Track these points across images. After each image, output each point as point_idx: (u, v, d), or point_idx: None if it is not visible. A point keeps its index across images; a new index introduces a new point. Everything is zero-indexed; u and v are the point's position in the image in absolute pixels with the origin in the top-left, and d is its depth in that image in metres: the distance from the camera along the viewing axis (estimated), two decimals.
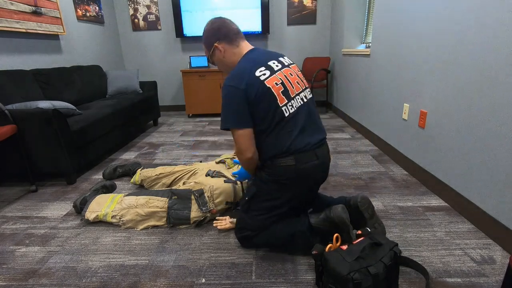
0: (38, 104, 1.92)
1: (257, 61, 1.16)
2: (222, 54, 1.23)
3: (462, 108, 1.47)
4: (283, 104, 1.13)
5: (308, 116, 1.20)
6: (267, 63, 1.17)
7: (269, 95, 1.11)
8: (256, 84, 1.10)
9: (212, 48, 1.23)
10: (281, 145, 1.13)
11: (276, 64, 1.19)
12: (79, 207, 1.58)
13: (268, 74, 1.13)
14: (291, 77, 1.20)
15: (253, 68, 1.13)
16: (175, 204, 1.44)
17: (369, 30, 3.16)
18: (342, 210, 1.14)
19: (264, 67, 1.14)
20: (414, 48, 1.89)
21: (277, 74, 1.16)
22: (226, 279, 1.12)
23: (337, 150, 2.50)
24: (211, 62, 1.31)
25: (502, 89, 1.21)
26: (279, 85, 1.13)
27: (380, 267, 0.92)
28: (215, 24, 1.22)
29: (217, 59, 1.26)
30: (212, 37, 1.22)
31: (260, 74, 1.12)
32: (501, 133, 1.23)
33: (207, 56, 1.28)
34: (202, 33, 1.27)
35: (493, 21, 1.25)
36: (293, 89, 1.18)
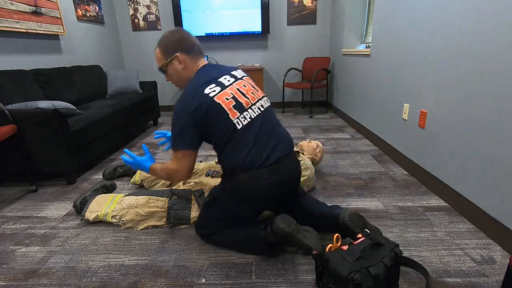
0: (38, 104, 1.92)
1: (208, 79, 1.17)
2: (181, 66, 1.22)
3: (462, 108, 1.47)
4: (235, 118, 1.14)
5: (266, 126, 1.19)
6: (218, 79, 1.18)
7: (220, 111, 1.12)
8: (206, 102, 1.11)
9: (171, 57, 1.20)
10: (238, 158, 1.12)
11: (228, 79, 1.20)
12: (79, 207, 1.58)
13: (218, 90, 1.15)
14: (245, 89, 1.22)
15: (203, 86, 1.14)
16: (175, 204, 1.44)
17: (369, 30, 3.16)
18: (282, 221, 1.12)
19: (214, 84, 1.16)
20: (414, 48, 1.89)
21: (228, 88, 1.17)
22: (226, 279, 1.12)
23: (337, 150, 2.50)
24: (163, 70, 1.25)
25: (502, 90, 1.21)
26: (229, 99, 1.15)
27: (380, 267, 0.92)
28: (179, 34, 1.21)
29: (173, 69, 1.22)
30: (174, 46, 1.20)
31: (210, 91, 1.13)
32: (501, 133, 1.23)
33: (161, 64, 1.23)
34: (160, 39, 1.22)
35: (493, 23, 1.25)
36: (247, 100, 1.19)
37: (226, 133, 1.13)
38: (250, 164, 1.12)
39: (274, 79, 4.37)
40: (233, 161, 1.14)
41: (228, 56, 4.26)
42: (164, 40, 1.21)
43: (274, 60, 4.27)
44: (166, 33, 1.22)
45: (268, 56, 4.26)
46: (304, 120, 3.64)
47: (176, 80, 1.26)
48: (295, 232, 1.13)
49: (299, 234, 1.14)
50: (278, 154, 1.16)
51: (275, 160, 1.14)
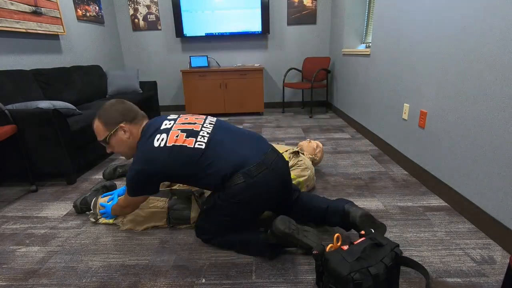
0: (38, 104, 1.92)
1: (152, 134, 1.18)
2: (126, 135, 1.22)
3: (462, 108, 1.47)
4: (194, 144, 1.16)
5: (228, 132, 1.24)
6: (160, 128, 1.20)
7: (177, 150, 1.14)
8: (162, 154, 1.13)
9: (115, 128, 1.21)
10: (220, 172, 1.13)
11: (168, 123, 1.23)
12: (79, 207, 1.58)
13: (165, 136, 1.17)
14: (187, 120, 1.26)
15: (151, 142, 1.16)
16: (175, 204, 1.44)
17: (369, 30, 3.16)
18: (281, 222, 1.13)
19: (159, 134, 1.18)
20: (414, 48, 1.89)
21: (173, 128, 1.20)
22: (226, 279, 1.12)
23: (337, 150, 2.50)
24: (104, 143, 1.24)
25: (503, 89, 1.21)
26: (179, 134, 1.17)
27: (380, 267, 0.92)
28: (122, 105, 1.23)
29: (118, 140, 1.22)
30: (117, 117, 1.21)
31: (158, 142, 1.15)
32: (501, 133, 1.23)
33: (103, 136, 1.22)
34: (100, 112, 1.22)
35: (494, 22, 1.25)
36: (196, 125, 1.23)
37: (196, 161, 1.13)
38: (235, 169, 1.13)
39: (274, 79, 4.37)
40: (216, 178, 1.14)
41: (228, 56, 4.26)
42: (105, 112, 1.21)
43: (274, 60, 4.28)
44: (105, 106, 1.23)
45: (268, 56, 4.26)
46: (304, 120, 3.64)
47: (122, 150, 1.26)
48: (295, 233, 1.13)
49: (299, 235, 1.15)
50: (257, 151, 1.18)
51: (257, 156, 1.16)
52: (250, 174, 1.13)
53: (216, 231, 1.26)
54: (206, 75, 3.85)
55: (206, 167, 1.14)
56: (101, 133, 1.22)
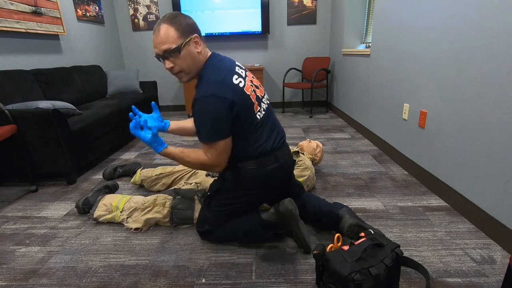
0: (38, 104, 1.92)
1: (229, 69, 1.10)
2: (198, 49, 1.08)
3: (462, 108, 1.47)
4: (257, 111, 1.15)
5: (271, 118, 1.24)
6: (235, 70, 1.12)
7: (249, 103, 1.10)
8: (239, 93, 1.06)
9: (189, 38, 1.04)
10: (251, 148, 1.14)
11: (241, 71, 1.16)
12: (81, 208, 1.58)
13: (243, 81, 1.10)
14: (255, 81, 1.21)
15: (230, 75, 1.07)
16: (179, 204, 1.44)
17: (369, 30, 3.16)
18: (290, 202, 1.17)
19: (236, 75, 1.09)
20: (415, 48, 1.89)
21: (246, 80, 1.14)
22: (226, 279, 1.12)
23: (337, 150, 2.50)
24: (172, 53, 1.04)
25: (503, 89, 1.21)
26: (252, 92, 1.13)
27: (381, 268, 0.92)
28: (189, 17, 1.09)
29: (190, 52, 1.06)
30: (191, 26, 1.06)
31: (237, 82, 1.08)
32: (501, 133, 1.23)
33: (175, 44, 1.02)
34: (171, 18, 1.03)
35: (494, 21, 1.25)
36: (259, 92, 1.20)
37: (249, 125, 1.12)
38: (260, 153, 1.15)
39: (274, 79, 4.37)
40: (245, 152, 1.14)
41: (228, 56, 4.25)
42: (178, 19, 1.03)
43: (274, 60, 4.27)
44: (174, 14, 1.05)
45: (268, 56, 4.26)
46: (304, 120, 3.64)
47: (189, 66, 1.09)
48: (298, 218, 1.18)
49: (298, 222, 1.19)
50: (278, 142, 1.21)
51: (277, 147, 1.19)
52: (263, 164, 1.15)
53: (217, 219, 1.26)
54: None
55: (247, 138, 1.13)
56: (174, 39, 1.02)
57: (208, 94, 1.02)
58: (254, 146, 1.14)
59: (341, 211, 1.26)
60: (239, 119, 1.09)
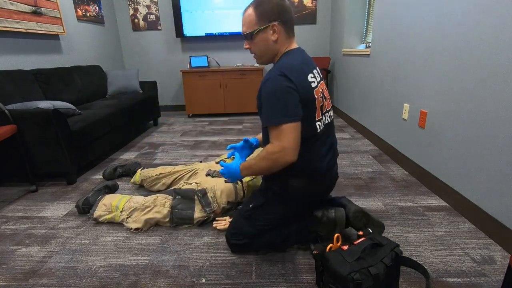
0: (38, 104, 1.92)
1: (308, 65, 1.06)
2: (274, 37, 1.05)
3: (462, 108, 1.47)
4: (318, 119, 1.07)
5: (331, 137, 1.18)
6: (313, 71, 1.08)
7: (312, 107, 1.04)
8: (307, 89, 1.01)
9: (267, 25, 1.03)
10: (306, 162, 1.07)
11: (318, 75, 1.11)
12: (81, 208, 1.58)
13: (316, 83, 1.06)
14: (326, 92, 1.15)
15: (306, 70, 1.04)
16: (179, 204, 1.44)
17: (369, 30, 3.16)
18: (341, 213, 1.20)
19: (312, 74, 1.06)
20: (414, 48, 1.89)
21: (319, 86, 1.09)
22: (226, 279, 1.12)
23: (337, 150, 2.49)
24: (248, 37, 1.07)
25: (503, 89, 1.21)
26: (320, 98, 1.07)
27: (380, 267, 0.92)
28: (284, 3, 1.04)
29: (264, 38, 1.05)
30: (272, 12, 1.02)
31: (311, 80, 1.04)
32: (501, 133, 1.23)
33: (251, 29, 1.04)
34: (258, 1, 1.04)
35: (494, 21, 1.25)
36: (326, 105, 1.13)
37: (306, 132, 1.03)
38: (314, 171, 1.12)
39: None
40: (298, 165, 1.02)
41: (228, 56, 4.26)
42: (264, 4, 1.03)
43: None
44: None
45: None
46: None
47: (261, 51, 1.09)
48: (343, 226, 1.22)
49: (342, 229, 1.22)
50: (330, 164, 1.17)
51: (327, 169, 1.16)
52: (316, 182, 1.15)
53: (256, 233, 1.20)
54: (206, 75, 3.85)
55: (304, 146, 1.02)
56: (250, 24, 1.05)
57: (277, 74, 0.98)
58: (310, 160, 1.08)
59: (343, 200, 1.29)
60: None
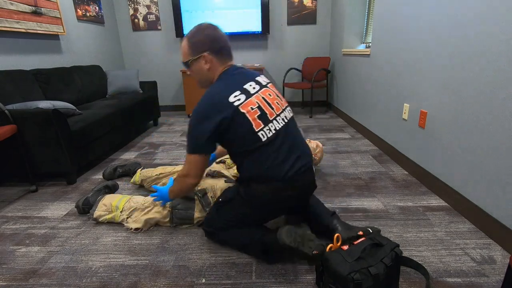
0: (38, 104, 1.92)
1: (233, 85, 1.12)
2: (206, 66, 1.16)
3: (462, 108, 1.47)
4: (259, 129, 1.09)
5: (289, 139, 1.15)
6: (243, 86, 1.13)
7: (244, 121, 1.08)
8: (230, 111, 1.07)
9: (198, 55, 1.15)
10: (259, 170, 1.10)
11: (253, 86, 1.15)
12: (81, 208, 1.58)
13: (244, 98, 1.10)
14: (270, 98, 1.17)
15: (228, 93, 1.09)
16: (178, 204, 1.44)
17: (369, 30, 3.16)
18: (287, 235, 1.08)
19: (239, 91, 1.11)
20: (414, 48, 1.89)
21: (254, 97, 1.12)
22: (226, 279, 1.12)
23: (337, 150, 2.50)
24: (186, 66, 1.21)
25: (503, 89, 1.21)
26: (255, 109, 1.10)
27: (380, 267, 0.92)
28: (211, 31, 1.14)
29: (198, 68, 1.18)
30: (203, 44, 1.14)
31: (234, 99, 1.09)
32: (501, 133, 1.23)
33: (186, 59, 1.18)
34: (190, 33, 1.15)
35: (493, 21, 1.25)
36: (272, 111, 1.14)
37: (249, 144, 1.09)
38: (271, 177, 1.11)
39: (274, 79, 4.37)
40: (253, 172, 1.12)
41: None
42: (194, 35, 1.14)
43: (274, 60, 4.27)
44: (197, 27, 1.15)
45: (268, 56, 4.26)
46: (304, 120, 3.64)
47: (198, 78, 1.22)
48: (300, 245, 1.08)
49: (304, 247, 1.08)
50: (297, 168, 1.13)
51: (294, 173, 1.12)
52: (277, 190, 1.12)
53: (222, 226, 1.26)
54: None
55: (252, 157, 1.10)
56: (185, 55, 1.18)
57: (197, 109, 1.09)
58: (263, 168, 1.09)
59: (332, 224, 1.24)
60: (231, 135, 1.09)
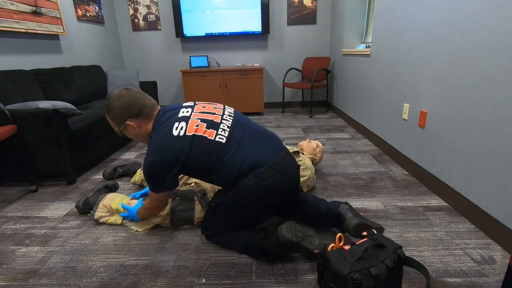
0: (38, 104, 1.92)
1: (169, 123, 1.16)
2: (135, 130, 1.22)
3: (462, 108, 1.47)
4: (215, 136, 1.14)
5: (247, 129, 1.21)
6: (178, 116, 1.18)
7: (198, 139, 1.12)
8: (182, 142, 1.11)
9: (123, 125, 1.21)
10: (233, 168, 1.11)
11: (186, 111, 1.21)
12: (81, 208, 1.58)
13: (184, 124, 1.15)
14: (206, 109, 1.24)
15: (167, 132, 1.13)
16: (178, 205, 1.44)
17: (369, 30, 3.16)
18: (287, 230, 1.08)
19: (177, 122, 1.16)
20: (414, 48, 1.89)
21: (192, 117, 1.18)
22: (226, 279, 1.12)
23: (337, 150, 2.50)
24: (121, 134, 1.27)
25: (502, 89, 1.21)
26: (200, 124, 1.15)
27: (381, 268, 0.92)
28: (126, 98, 1.18)
29: (130, 133, 1.24)
30: (123, 115, 1.19)
31: (177, 131, 1.13)
32: (501, 133, 1.23)
33: (116, 130, 1.24)
34: (108, 107, 1.21)
35: (493, 20, 1.25)
36: (215, 116, 1.21)
37: (216, 154, 1.12)
38: (249, 168, 1.11)
39: (274, 79, 4.37)
40: (230, 174, 1.12)
41: (228, 56, 4.26)
42: (112, 109, 1.20)
43: (274, 60, 4.27)
44: (111, 99, 1.20)
45: (268, 56, 4.26)
46: (304, 120, 3.64)
47: (136, 139, 1.29)
48: (301, 239, 1.09)
49: (304, 242, 1.09)
50: (271, 152, 1.17)
51: (270, 158, 1.14)
52: (262, 177, 1.12)
53: (220, 228, 1.27)
54: (206, 75, 3.85)
55: (224, 162, 1.12)
56: (114, 126, 1.24)
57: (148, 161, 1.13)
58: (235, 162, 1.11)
59: (343, 210, 1.26)
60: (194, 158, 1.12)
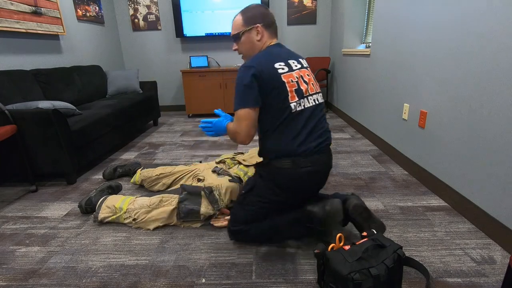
0: (38, 104, 1.92)
1: (278, 56, 1.20)
2: (257, 37, 1.24)
3: (462, 108, 1.47)
4: (293, 101, 1.16)
5: (314, 117, 1.21)
6: (288, 60, 1.21)
7: (282, 89, 1.14)
8: (272, 73, 1.14)
9: (251, 26, 1.23)
10: (284, 142, 1.15)
11: (295, 64, 1.23)
12: (84, 208, 1.58)
13: (286, 70, 1.18)
14: (307, 78, 1.24)
15: (274, 60, 1.17)
16: (185, 199, 1.44)
17: (369, 30, 3.16)
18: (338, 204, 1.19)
19: (283, 63, 1.19)
20: (414, 48, 1.89)
21: (294, 72, 1.20)
22: (226, 279, 1.12)
23: (337, 150, 2.50)
24: (236, 38, 1.27)
25: (502, 89, 1.21)
26: (293, 82, 1.17)
27: (381, 268, 0.92)
28: (263, 9, 1.24)
29: (249, 39, 1.25)
30: (258, 17, 1.23)
31: (279, 67, 1.16)
32: (501, 133, 1.23)
33: (238, 30, 1.25)
34: (245, 8, 1.25)
35: (493, 20, 1.25)
36: (307, 88, 1.21)
37: (280, 113, 1.15)
38: (293, 150, 1.15)
39: None
40: (277, 145, 1.16)
41: (228, 56, 4.26)
42: (248, 10, 1.24)
43: None
44: (250, 5, 1.26)
45: None
46: None
47: (246, 50, 1.28)
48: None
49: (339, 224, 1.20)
50: (318, 146, 1.19)
51: (315, 150, 1.18)
52: (299, 164, 1.15)
53: (251, 219, 1.26)
54: (206, 75, 3.85)
55: (279, 128, 1.16)
56: (237, 27, 1.25)
57: (247, 66, 1.14)
58: (289, 140, 1.15)
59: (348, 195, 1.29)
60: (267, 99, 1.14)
